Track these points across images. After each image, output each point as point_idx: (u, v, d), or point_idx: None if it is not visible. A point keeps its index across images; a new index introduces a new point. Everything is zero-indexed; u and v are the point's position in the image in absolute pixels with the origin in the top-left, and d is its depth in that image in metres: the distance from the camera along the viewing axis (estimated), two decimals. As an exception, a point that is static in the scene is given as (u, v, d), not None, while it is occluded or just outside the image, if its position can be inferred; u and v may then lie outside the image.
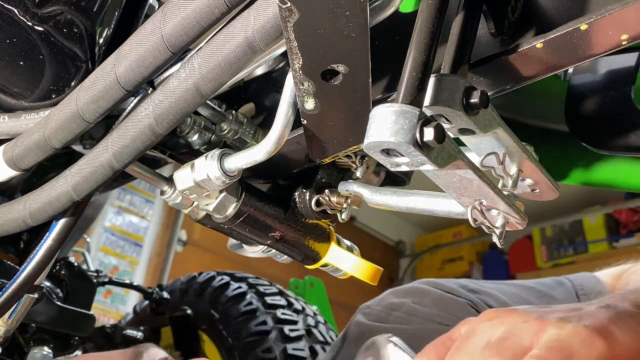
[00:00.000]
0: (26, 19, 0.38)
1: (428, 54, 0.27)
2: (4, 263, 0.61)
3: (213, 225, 0.42)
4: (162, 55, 0.30)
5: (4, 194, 0.57)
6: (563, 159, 0.64)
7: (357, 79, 0.30)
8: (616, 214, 3.25)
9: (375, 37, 0.31)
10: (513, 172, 0.35)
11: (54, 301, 0.71)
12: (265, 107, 0.46)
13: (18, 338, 0.67)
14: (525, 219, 0.34)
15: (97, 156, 0.35)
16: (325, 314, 1.68)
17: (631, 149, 0.50)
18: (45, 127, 0.36)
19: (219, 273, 1.05)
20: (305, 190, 0.43)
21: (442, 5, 0.28)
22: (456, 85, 0.28)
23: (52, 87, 0.40)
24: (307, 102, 0.32)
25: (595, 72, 0.54)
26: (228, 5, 0.28)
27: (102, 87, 0.33)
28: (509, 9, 0.31)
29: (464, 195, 0.32)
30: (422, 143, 0.24)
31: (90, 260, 1.01)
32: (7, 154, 0.38)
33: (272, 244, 0.44)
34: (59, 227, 0.38)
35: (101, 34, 0.41)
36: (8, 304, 0.38)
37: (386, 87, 0.36)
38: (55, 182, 0.36)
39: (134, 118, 0.33)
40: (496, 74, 0.33)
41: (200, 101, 0.32)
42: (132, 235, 2.50)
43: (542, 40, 0.29)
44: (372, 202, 0.40)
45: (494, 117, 0.32)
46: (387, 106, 0.25)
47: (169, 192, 0.40)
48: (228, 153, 0.37)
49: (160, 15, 0.30)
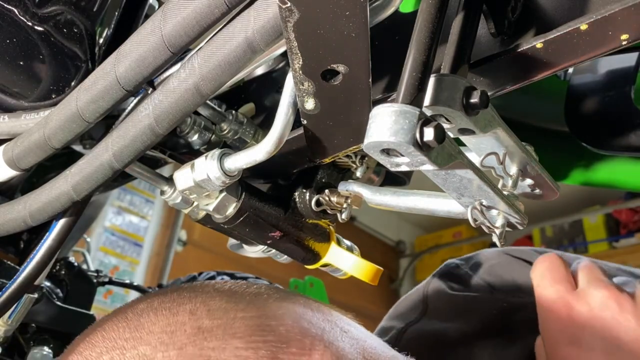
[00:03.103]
0: (26, 19, 0.38)
1: (428, 54, 0.27)
2: (4, 263, 0.61)
3: (213, 225, 0.42)
4: (162, 55, 0.30)
5: (4, 194, 0.57)
6: (563, 159, 0.64)
7: (357, 79, 0.30)
8: (616, 214, 3.25)
9: (375, 37, 0.31)
10: (513, 172, 0.35)
11: (54, 301, 0.71)
12: (265, 107, 0.46)
13: (18, 338, 0.67)
14: (525, 219, 0.34)
15: (97, 156, 0.35)
16: (325, 314, 1.67)
17: (631, 149, 0.50)
18: (45, 127, 0.36)
19: (219, 273, 1.05)
20: (305, 190, 0.43)
21: (442, 5, 0.28)
22: (456, 85, 0.28)
23: (52, 87, 0.40)
24: (307, 102, 0.32)
25: (595, 72, 0.54)
26: (228, 5, 0.28)
27: (102, 87, 0.33)
28: (509, 9, 0.31)
29: (464, 195, 0.32)
30: (422, 143, 0.24)
31: (90, 260, 1.01)
32: (7, 154, 0.38)
33: (272, 244, 0.44)
34: (59, 227, 0.38)
35: (101, 34, 0.41)
36: (8, 304, 0.38)
37: (386, 87, 0.36)
38: (55, 182, 0.36)
39: (134, 118, 0.33)
40: (496, 74, 0.33)
41: (200, 101, 0.32)
42: (132, 235, 2.50)
43: (542, 40, 0.29)
44: (372, 202, 0.40)
45: (494, 117, 0.32)
46: (387, 106, 0.25)
47: (169, 192, 0.40)
48: (228, 153, 0.37)
49: (160, 15, 0.30)
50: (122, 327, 0.34)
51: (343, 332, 0.35)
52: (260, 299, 0.36)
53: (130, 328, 0.33)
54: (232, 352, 0.30)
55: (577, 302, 0.46)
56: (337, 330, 0.35)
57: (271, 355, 0.30)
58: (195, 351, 0.30)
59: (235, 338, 0.31)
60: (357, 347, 0.35)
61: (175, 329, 0.32)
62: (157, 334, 0.32)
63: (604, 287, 0.46)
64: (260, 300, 0.36)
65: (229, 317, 0.33)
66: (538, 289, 0.48)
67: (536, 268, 0.50)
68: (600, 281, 0.47)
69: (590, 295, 0.46)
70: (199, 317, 0.33)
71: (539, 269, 0.50)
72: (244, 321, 0.33)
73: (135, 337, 0.32)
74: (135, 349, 0.31)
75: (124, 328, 0.34)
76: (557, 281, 0.48)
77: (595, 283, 0.47)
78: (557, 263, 0.49)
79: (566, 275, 0.48)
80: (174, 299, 0.35)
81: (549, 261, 0.50)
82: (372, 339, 0.38)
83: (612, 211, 3.25)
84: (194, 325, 0.32)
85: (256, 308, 0.34)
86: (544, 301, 0.47)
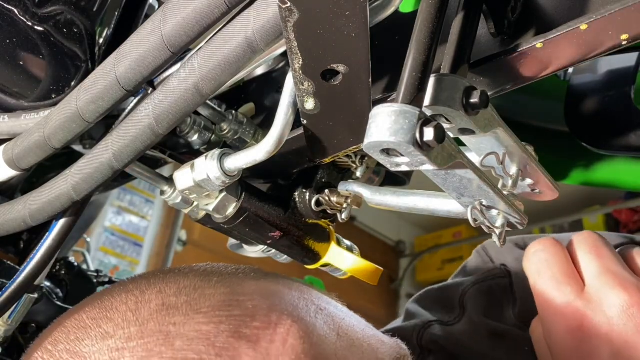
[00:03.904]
0: (26, 19, 0.38)
1: (428, 54, 0.27)
2: (4, 263, 0.61)
3: (213, 225, 0.42)
4: (162, 55, 0.30)
5: (4, 194, 0.57)
6: (563, 159, 0.64)
7: (357, 79, 0.30)
8: (616, 214, 3.25)
9: (375, 37, 0.31)
10: (513, 172, 0.35)
11: (54, 301, 0.71)
12: (265, 107, 0.46)
13: (18, 338, 0.67)
14: (525, 219, 0.34)
15: (97, 156, 0.35)
16: (325, 314, 1.67)
17: (631, 149, 0.50)
18: (45, 127, 0.36)
19: (219, 273, 1.05)
20: (305, 190, 0.43)
21: (442, 5, 0.28)
22: (456, 85, 0.28)
23: (52, 87, 0.40)
24: (307, 102, 0.32)
25: (595, 72, 0.54)
26: (228, 5, 0.28)
27: (102, 87, 0.33)
28: (509, 9, 0.31)
29: (464, 195, 0.32)
30: (422, 143, 0.24)
31: (90, 260, 1.00)
32: (7, 154, 0.38)
33: (272, 244, 0.44)
34: (59, 227, 0.38)
35: (101, 34, 0.41)
36: (8, 304, 0.38)
37: (386, 87, 0.36)
38: (55, 182, 0.36)
39: (134, 118, 0.33)
40: (496, 74, 0.33)
41: (200, 101, 0.32)
42: (132, 235, 2.50)
43: (542, 40, 0.29)
44: (372, 202, 0.40)
45: (494, 117, 0.32)
46: (387, 106, 0.25)
47: (168, 192, 0.40)
48: (228, 153, 0.37)
49: (160, 15, 0.30)
50: (93, 308, 0.34)
51: (319, 309, 0.35)
52: (234, 278, 0.36)
53: (100, 308, 0.34)
54: (192, 326, 0.30)
55: (591, 311, 0.37)
56: (313, 308, 0.34)
57: (233, 330, 0.30)
58: (155, 327, 0.30)
59: (199, 313, 0.31)
60: (332, 324, 0.34)
61: (141, 307, 0.32)
62: (122, 312, 0.32)
63: (622, 288, 0.37)
64: (234, 279, 0.36)
65: (197, 294, 0.33)
66: (537, 288, 0.40)
67: (531, 260, 0.41)
68: (614, 276, 0.37)
69: (607, 301, 0.36)
70: (166, 295, 0.33)
71: (534, 262, 0.41)
72: (212, 297, 0.32)
73: (102, 317, 0.33)
74: (100, 327, 0.32)
75: (94, 308, 0.34)
76: (561, 280, 0.39)
77: (609, 281, 0.37)
78: (556, 252, 0.41)
79: (570, 269, 0.40)
80: (148, 280, 0.36)
81: (546, 252, 0.41)
82: (352, 318, 0.37)
83: (612, 211, 3.24)
84: (159, 302, 0.32)
85: (227, 286, 0.34)
86: (548, 308, 0.39)
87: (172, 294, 0.33)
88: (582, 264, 0.40)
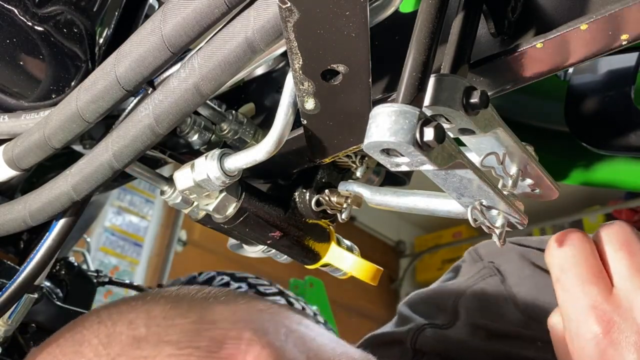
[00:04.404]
0: (26, 19, 0.38)
1: (428, 54, 0.27)
2: (4, 263, 0.61)
3: (213, 225, 0.42)
4: (162, 55, 0.30)
5: (4, 194, 0.57)
6: (563, 159, 0.64)
7: (357, 79, 0.30)
8: (616, 214, 3.25)
9: (375, 37, 0.31)
10: (513, 172, 0.35)
11: (54, 301, 0.71)
12: (265, 107, 0.46)
13: (18, 338, 0.67)
14: (525, 219, 0.34)
15: (97, 156, 0.35)
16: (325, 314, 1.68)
17: (631, 149, 0.50)
18: (45, 127, 0.36)
19: (219, 273, 1.05)
20: (305, 190, 0.43)
21: (442, 5, 0.28)
22: (456, 85, 0.28)
23: (52, 87, 0.40)
24: (307, 102, 0.32)
25: (595, 72, 0.54)
26: (228, 5, 0.28)
27: (102, 87, 0.33)
28: (509, 9, 0.31)
29: (464, 195, 0.32)
30: (422, 143, 0.24)
31: (90, 260, 1.01)
32: (7, 154, 0.38)
33: (272, 244, 0.44)
34: (59, 227, 0.38)
35: (101, 34, 0.41)
36: (8, 304, 0.38)
37: (386, 87, 0.36)
38: (55, 182, 0.36)
39: (134, 118, 0.33)
40: (496, 74, 0.33)
41: (200, 101, 0.32)
42: (132, 235, 2.49)
43: (542, 40, 0.29)
44: (372, 202, 0.40)
45: (494, 117, 0.32)
46: (387, 106, 0.25)
47: (168, 192, 0.40)
48: (228, 153, 0.37)
49: (160, 15, 0.30)
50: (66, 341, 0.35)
51: (290, 331, 0.35)
52: (204, 303, 0.37)
53: (73, 341, 0.35)
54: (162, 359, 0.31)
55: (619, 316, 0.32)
56: (282, 331, 0.35)
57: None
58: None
59: (169, 344, 0.32)
60: (302, 346, 0.35)
61: (112, 340, 0.33)
62: (94, 346, 0.33)
63: None
64: (204, 304, 0.36)
65: (167, 323, 0.34)
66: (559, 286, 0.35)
67: (553, 254, 0.37)
68: None
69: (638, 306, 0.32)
70: (136, 326, 0.34)
71: (557, 257, 0.36)
72: (181, 327, 0.33)
73: (75, 352, 0.33)
74: None
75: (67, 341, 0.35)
76: (586, 279, 0.34)
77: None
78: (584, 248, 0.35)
79: (597, 267, 0.35)
80: (120, 310, 0.36)
81: (572, 247, 0.36)
82: (323, 336, 0.38)
83: (612, 211, 3.24)
84: (130, 334, 0.33)
85: (196, 313, 0.35)
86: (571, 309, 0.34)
87: (142, 324, 0.34)
88: (610, 262, 0.35)
